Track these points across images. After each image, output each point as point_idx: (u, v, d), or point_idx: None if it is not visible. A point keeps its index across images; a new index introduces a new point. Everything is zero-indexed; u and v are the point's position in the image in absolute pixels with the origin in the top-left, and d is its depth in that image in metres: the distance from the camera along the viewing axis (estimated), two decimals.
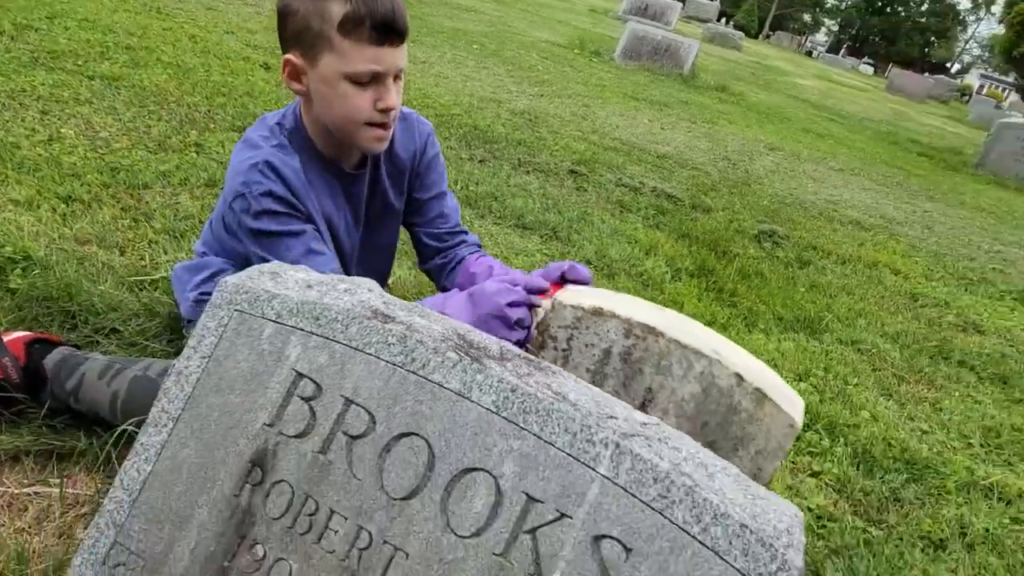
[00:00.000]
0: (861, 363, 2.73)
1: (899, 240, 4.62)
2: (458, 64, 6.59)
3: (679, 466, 0.86)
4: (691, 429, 1.18)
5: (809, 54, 43.95)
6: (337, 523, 0.91)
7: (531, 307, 1.24)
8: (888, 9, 70.86)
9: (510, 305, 1.20)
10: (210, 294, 1.48)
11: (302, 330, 0.98)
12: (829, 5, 78.38)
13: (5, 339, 1.38)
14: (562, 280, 1.32)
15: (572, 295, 1.25)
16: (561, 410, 0.89)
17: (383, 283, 1.72)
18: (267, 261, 1.31)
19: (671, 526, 0.83)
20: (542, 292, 1.26)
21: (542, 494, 0.87)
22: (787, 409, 1.13)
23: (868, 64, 54.67)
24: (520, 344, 1.23)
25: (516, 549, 0.86)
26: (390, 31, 1.26)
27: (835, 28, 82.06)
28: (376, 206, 1.58)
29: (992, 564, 1.71)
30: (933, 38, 70.92)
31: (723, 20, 39.28)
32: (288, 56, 1.33)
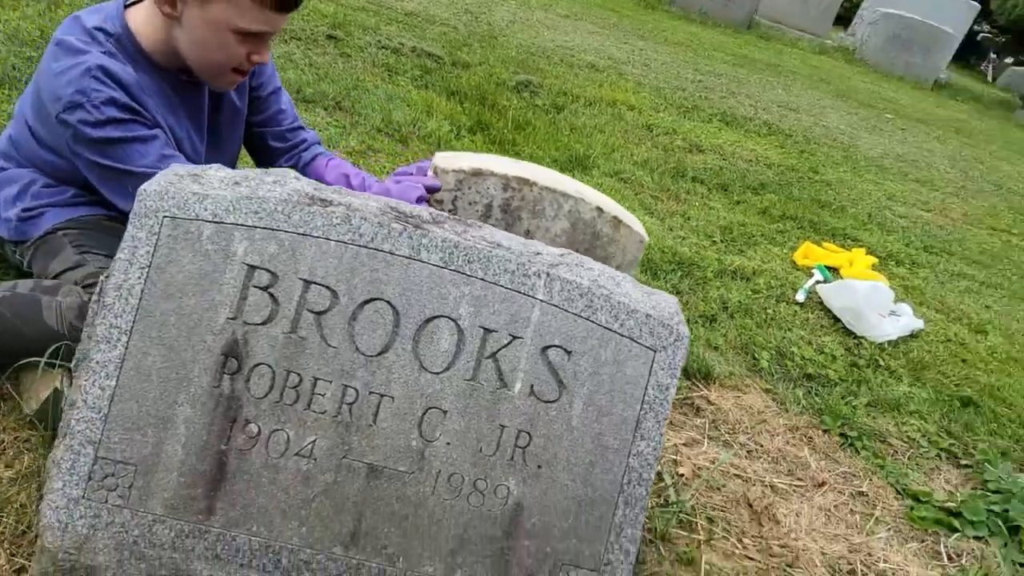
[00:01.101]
0: (626, 190, 3.21)
1: (627, 79, 5.21)
2: None
3: (596, 281, 1.10)
4: None
5: None
6: (323, 388, 1.04)
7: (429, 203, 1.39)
8: None
9: (417, 200, 1.32)
10: (33, 209, 1.38)
11: (244, 225, 1.03)
12: None
13: None
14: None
15: (449, 160, 1.40)
16: (498, 255, 1.07)
17: None
18: (116, 171, 1.27)
19: (597, 327, 1.09)
20: (434, 191, 1.39)
21: (495, 324, 1.07)
22: (637, 229, 1.42)
23: None
24: None
25: (482, 372, 1.07)
26: (294, 4, 1.30)
27: None
28: (223, 114, 1.52)
29: (748, 324, 2.29)
30: None
31: None
32: None
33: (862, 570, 1.45)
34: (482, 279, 1.07)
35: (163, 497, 1.01)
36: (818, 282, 2.67)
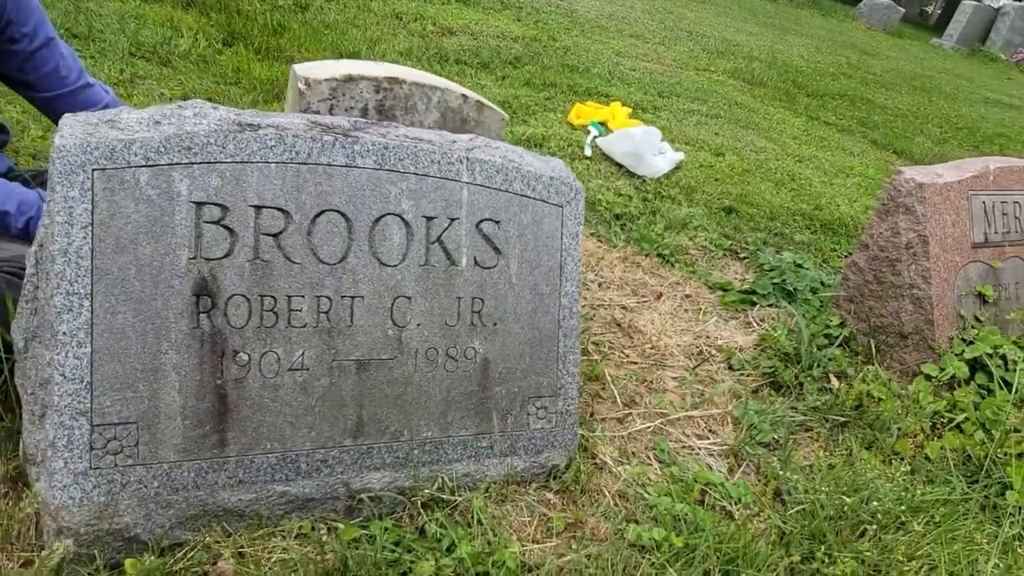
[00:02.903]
0: None
1: None
2: None
3: (506, 157, 1.26)
4: None
5: None
6: (298, 303, 1.10)
7: None
8: None
9: None
10: None
11: (181, 164, 1.01)
12: None
13: None
14: None
15: (317, 70, 1.42)
16: (424, 148, 1.18)
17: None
18: None
19: (516, 196, 1.26)
20: None
21: (434, 212, 1.19)
22: (497, 109, 1.58)
23: None
24: None
25: (432, 254, 1.19)
26: None
27: None
28: None
29: None
30: None
31: None
32: None
33: (706, 348, 1.87)
34: (415, 173, 1.17)
35: (173, 444, 1.03)
36: (596, 137, 3.04)
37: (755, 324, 2.01)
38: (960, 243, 1.89)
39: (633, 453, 1.46)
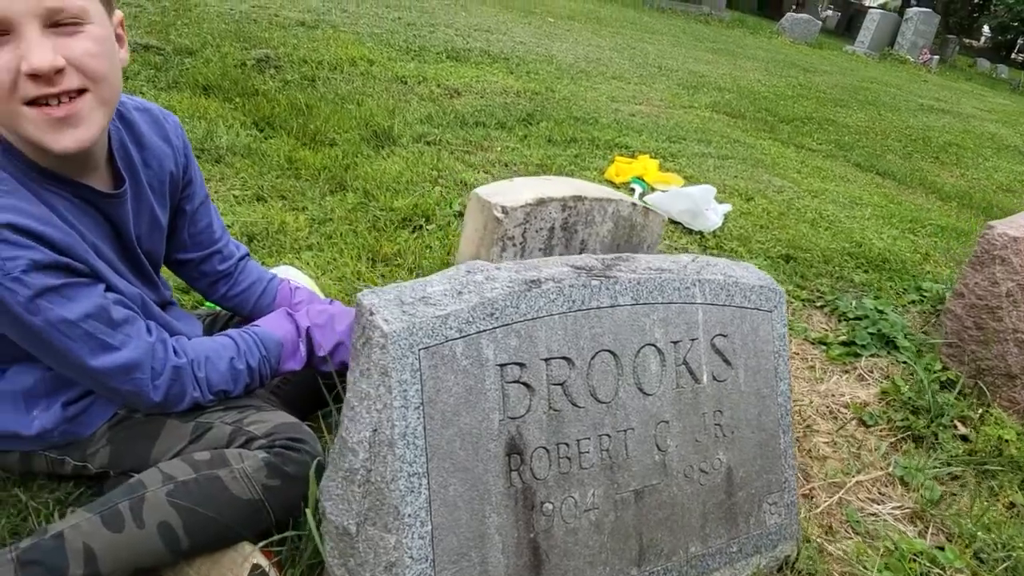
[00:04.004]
0: (442, 152, 3.28)
1: (341, 31, 5.05)
2: None
3: (725, 274, 1.32)
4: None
5: None
6: (585, 445, 1.13)
7: None
8: None
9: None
10: (76, 403, 1.12)
11: (486, 330, 1.04)
12: None
13: None
14: None
15: (506, 195, 1.45)
16: (667, 278, 1.23)
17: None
18: (59, 330, 0.96)
19: (737, 308, 1.32)
20: None
21: (679, 336, 1.24)
22: (659, 211, 1.64)
23: None
24: None
25: (681, 376, 1.24)
26: None
27: None
28: (142, 227, 1.17)
29: None
30: None
31: None
32: None
33: (835, 407, 1.96)
34: (662, 302, 1.22)
35: None
36: (642, 194, 3.14)
37: (867, 377, 2.11)
38: None
39: (832, 527, 1.53)
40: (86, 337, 0.98)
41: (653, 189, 3.24)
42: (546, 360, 1.09)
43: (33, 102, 0.89)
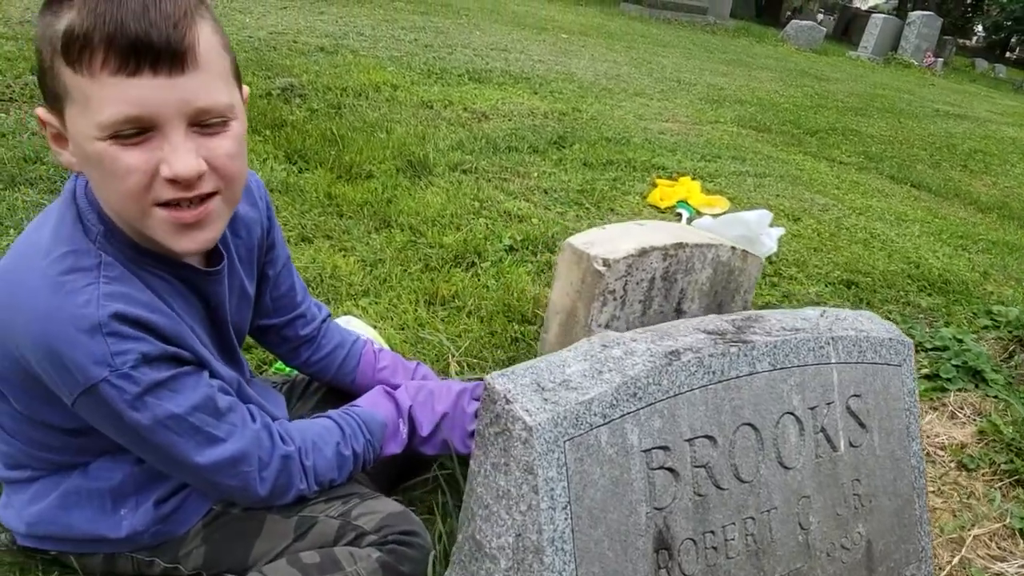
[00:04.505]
0: (481, 181, 3.19)
1: (362, 55, 4.98)
2: None
3: (855, 328, 1.22)
4: (709, 301, 1.50)
5: None
6: (731, 532, 1.02)
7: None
8: None
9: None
10: (167, 500, 1.01)
11: (630, 412, 0.93)
12: None
13: None
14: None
15: (604, 245, 1.35)
16: (802, 338, 1.12)
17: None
18: (165, 426, 0.87)
19: (870, 365, 1.21)
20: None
21: (816, 400, 1.13)
22: (756, 253, 1.54)
23: None
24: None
25: (819, 445, 1.13)
26: (144, 49, 0.76)
27: None
28: (233, 302, 1.09)
29: None
30: None
31: None
32: (39, 110, 0.85)
33: (932, 450, 1.84)
34: (798, 366, 1.11)
35: None
36: (689, 219, 3.04)
37: (959, 414, 2.00)
38: None
39: None
40: (192, 431, 0.89)
41: (700, 213, 3.14)
42: (689, 441, 0.98)
43: (158, 203, 0.82)
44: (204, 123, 0.81)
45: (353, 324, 1.75)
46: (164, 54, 0.76)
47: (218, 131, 0.83)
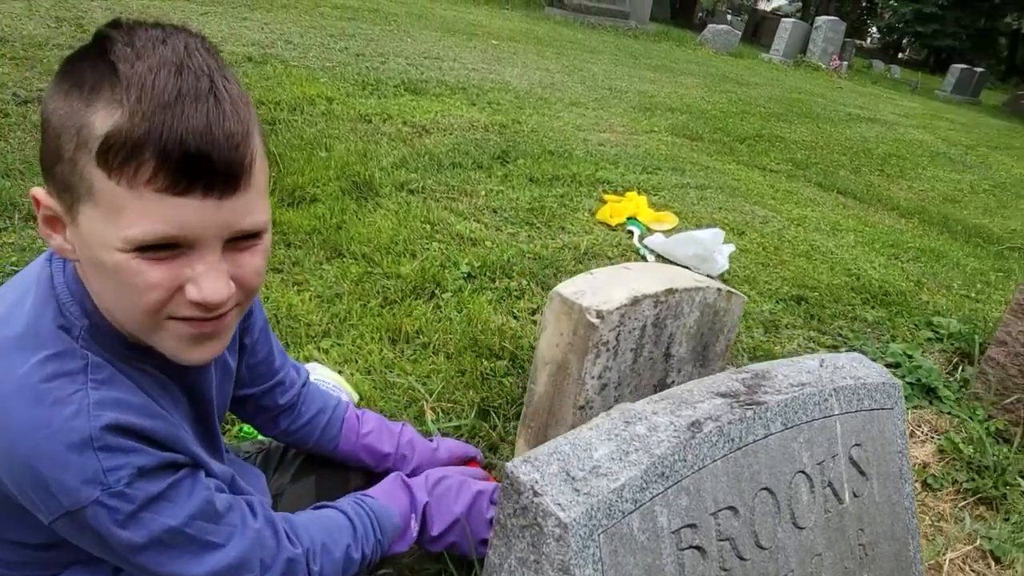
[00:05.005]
0: (431, 201, 3.10)
1: (293, 65, 4.78)
2: None
3: (852, 376, 1.21)
4: (696, 344, 1.48)
5: None
6: None
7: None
8: None
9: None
10: None
11: (659, 494, 0.89)
12: None
13: None
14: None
15: (596, 296, 1.30)
16: (806, 393, 1.11)
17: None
18: (160, 540, 0.78)
19: (868, 412, 1.22)
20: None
21: (822, 455, 1.12)
22: (739, 293, 1.53)
23: None
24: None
25: (827, 500, 1.12)
26: (202, 171, 0.67)
27: None
28: (216, 385, 0.98)
29: None
30: None
31: None
32: (36, 191, 0.74)
33: None
34: (806, 421, 1.10)
35: None
36: (642, 237, 3.04)
37: (918, 432, 2.06)
38: None
39: None
40: (189, 542, 0.79)
41: (650, 230, 3.15)
42: (713, 514, 0.95)
43: (174, 317, 0.73)
44: (239, 238, 0.73)
45: (319, 372, 1.65)
46: (219, 177, 0.68)
47: (249, 247, 0.75)
